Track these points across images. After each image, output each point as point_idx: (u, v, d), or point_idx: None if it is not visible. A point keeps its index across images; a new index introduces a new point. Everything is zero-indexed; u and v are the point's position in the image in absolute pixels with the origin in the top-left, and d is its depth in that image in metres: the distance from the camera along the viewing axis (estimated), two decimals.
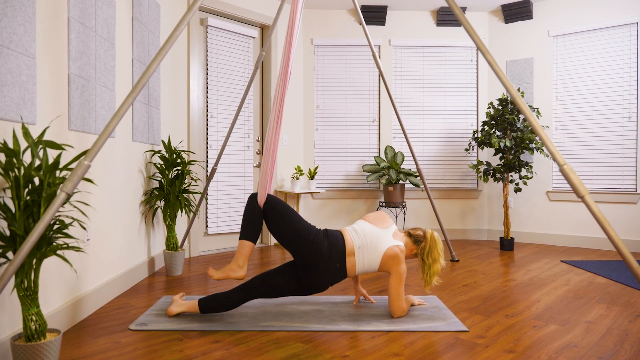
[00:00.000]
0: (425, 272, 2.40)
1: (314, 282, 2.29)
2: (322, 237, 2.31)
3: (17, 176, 1.64)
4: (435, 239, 2.42)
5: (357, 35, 5.10)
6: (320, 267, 2.27)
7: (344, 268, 2.32)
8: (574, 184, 1.74)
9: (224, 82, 4.37)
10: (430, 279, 2.39)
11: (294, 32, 2.33)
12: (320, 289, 2.33)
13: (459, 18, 1.99)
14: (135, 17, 3.06)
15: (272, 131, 2.38)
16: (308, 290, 2.32)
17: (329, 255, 2.27)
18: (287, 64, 2.34)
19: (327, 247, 2.28)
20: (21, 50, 1.84)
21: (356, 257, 2.32)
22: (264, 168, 2.40)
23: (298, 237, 2.28)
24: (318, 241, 2.28)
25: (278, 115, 2.37)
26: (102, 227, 2.60)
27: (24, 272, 1.64)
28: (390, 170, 4.70)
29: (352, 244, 2.32)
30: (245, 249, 2.35)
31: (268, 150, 2.39)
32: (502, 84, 1.87)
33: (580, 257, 4.14)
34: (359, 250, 2.32)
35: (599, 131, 4.57)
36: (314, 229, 2.34)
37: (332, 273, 2.30)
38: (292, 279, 2.30)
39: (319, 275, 2.28)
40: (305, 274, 2.28)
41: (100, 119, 2.54)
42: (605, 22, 4.51)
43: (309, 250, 2.26)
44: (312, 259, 2.26)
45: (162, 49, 1.95)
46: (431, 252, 2.40)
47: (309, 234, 2.30)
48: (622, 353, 1.95)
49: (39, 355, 1.65)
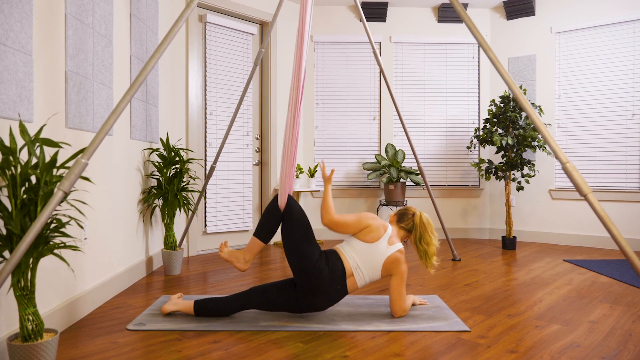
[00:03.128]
0: (423, 257, 2.37)
1: (314, 304, 2.28)
2: (324, 264, 2.26)
3: (13, 174, 1.62)
4: (424, 223, 2.37)
5: (357, 32, 5.07)
6: (321, 291, 2.25)
7: (345, 289, 2.31)
8: (577, 183, 1.72)
9: (223, 79, 4.35)
10: (429, 261, 2.36)
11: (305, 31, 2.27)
12: (321, 309, 2.32)
13: (460, 14, 1.96)
14: (133, 13, 3.03)
15: (290, 133, 2.33)
16: (307, 310, 2.31)
17: (330, 281, 2.25)
18: (300, 63, 2.28)
19: (328, 273, 2.25)
20: (18, 47, 1.82)
21: (355, 277, 2.31)
22: (283, 171, 2.37)
23: (303, 259, 2.24)
24: (321, 267, 2.24)
25: (294, 116, 2.32)
26: (99, 226, 2.58)
27: (20, 272, 1.63)
28: (391, 168, 4.67)
29: (350, 266, 2.30)
30: (255, 247, 2.38)
31: (286, 152, 2.36)
32: (504, 81, 1.85)
33: (583, 256, 4.12)
34: (357, 271, 2.30)
35: (602, 129, 4.54)
36: (317, 252, 2.28)
37: (333, 295, 2.29)
38: (291, 298, 2.28)
39: (320, 298, 2.27)
40: (305, 297, 2.26)
41: (98, 116, 2.52)
42: (608, 19, 4.48)
43: (311, 276, 2.23)
44: (314, 285, 2.23)
45: (161, 46, 1.93)
46: (423, 236, 2.36)
47: (312, 259, 2.25)
48: (625, 353, 1.93)
49: (36, 356, 1.64)
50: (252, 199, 4.61)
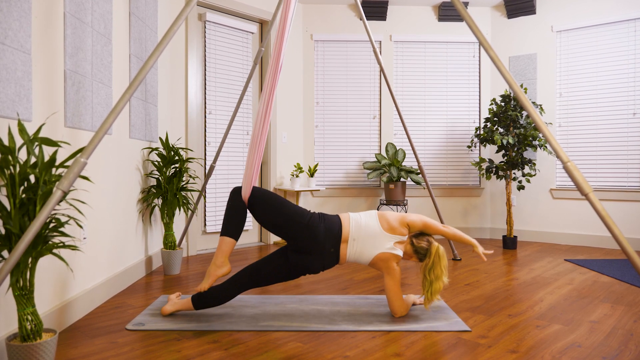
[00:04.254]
0: (427, 289, 2.29)
1: (307, 265, 2.25)
2: (317, 220, 2.26)
3: (12, 174, 1.62)
4: (440, 255, 2.29)
5: (357, 31, 5.05)
6: (315, 250, 2.23)
7: (338, 254, 2.29)
8: (578, 182, 1.71)
9: (223, 78, 4.33)
10: (431, 296, 2.28)
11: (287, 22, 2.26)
12: (313, 271, 2.29)
13: (461, 13, 1.95)
14: (133, 12, 3.02)
15: (260, 122, 2.29)
16: (300, 272, 2.28)
17: (325, 238, 2.23)
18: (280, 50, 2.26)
19: (323, 230, 2.23)
20: (16, 46, 1.81)
21: (348, 246, 2.29)
22: (250, 161, 2.32)
23: (291, 222, 2.23)
24: (314, 224, 2.23)
25: (267, 105, 2.28)
26: (98, 226, 2.57)
27: (19, 271, 1.62)
28: (391, 167, 4.66)
29: (348, 233, 2.28)
30: (225, 246, 2.29)
31: (255, 142, 2.31)
32: (504, 80, 1.84)
33: (584, 255, 4.11)
34: (352, 242, 2.28)
35: (603, 128, 4.53)
36: (307, 212, 2.29)
37: (326, 257, 2.27)
38: (283, 265, 2.26)
39: (313, 257, 2.25)
40: (298, 257, 2.24)
41: (97, 115, 2.51)
42: (609, 17, 4.46)
43: (304, 233, 2.22)
44: (308, 243, 2.22)
45: (160, 44, 1.92)
46: (434, 268, 2.28)
47: (302, 217, 2.25)
48: (626, 353, 1.92)
49: (35, 356, 1.63)
50: None
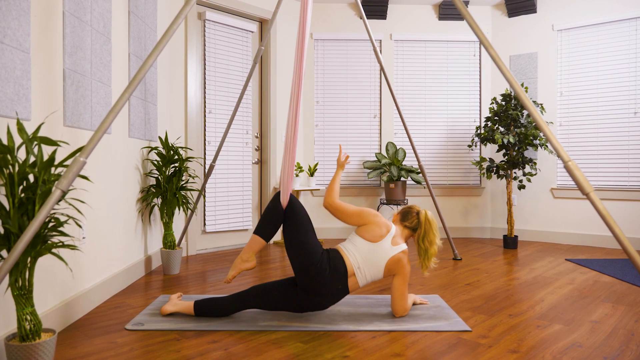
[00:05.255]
0: (422, 256, 2.32)
1: (315, 304, 2.26)
2: (325, 263, 2.25)
3: (11, 173, 1.61)
4: (429, 221, 2.33)
5: (357, 30, 5.04)
6: (323, 291, 2.23)
7: (346, 288, 2.29)
8: (579, 181, 1.70)
9: (222, 77, 4.33)
10: (427, 262, 2.32)
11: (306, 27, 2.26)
12: (322, 309, 2.30)
13: (461, 12, 1.94)
14: (132, 10, 3.01)
15: (291, 131, 2.32)
16: (308, 310, 2.29)
17: (331, 280, 2.23)
18: (302, 59, 2.27)
19: (329, 272, 2.23)
20: (15, 44, 1.80)
21: (357, 277, 2.28)
22: (284, 168, 2.35)
23: (305, 258, 2.22)
24: (322, 267, 2.22)
25: (295, 113, 2.31)
26: (98, 225, 2.57)
27: (18, 271, 1.62)
28: (391, 167, 4.65)
29: (352, 266, 2.28)
30: (255, 244, 2.34)
31: (288, 149, 2.34)
32: (505, 79, 1.83)
33: (585, 255, 4.10)
34: (358, 271, 2.28)
35: (604, 127, 4.52)
36: (319, 251, 2.27)
37: (335, 295, 2.27)
38: (292, 298, 2.26)
39: (321, 299, 2.25)
40: (306, 296, 2.25)
41: (96, 114, 2.50)
42: (610, 16, 4.45)
43: (312, 275, 2.21)
44: (315, 285, 2.22)
45: (159, 43, 1.91)
46: (427, 235, 2.32)
47: (315, 257, 2.23)
48: (628, 353, 1.92)
49: (34, 356, 1.63)
50: (252, 198, 4.60)
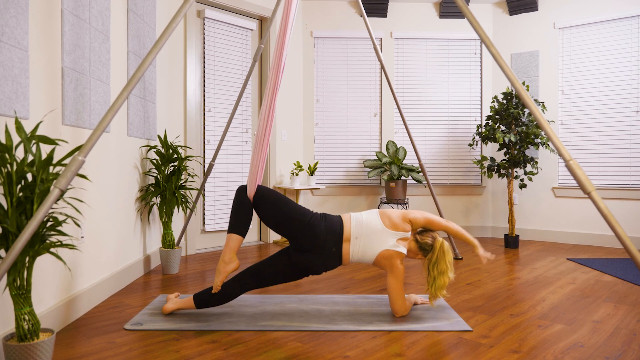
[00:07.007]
0: (430, 285, 2.27)
1: (309, 264, 2.25)
2: (319, 219, 2.27)
3: (9, 172, 1.60)
4: (444, 250, 2.27)
5: (358, 28, 5.02)
6: (316, 249, 2.23)
7: (340, 253, 2.28)
8: (581, 180, 1.69)
9: (222, 75, 4.31)
10: (435, 292, 2.26)
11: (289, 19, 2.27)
12: (315, 271, 2.29)
13: (462, 10, 1.93)
14: (131, 8, 3.00)
15: (264, 121, 2.33)
16: (302, 273, 2.28)
17: (326, 237, 2.24)
18: (282, 48, 2.28)
19: (323, 229, 2.24)
20: (14, 42, 1.79)
21: (351, 246, 2.28)
22: (254, 159, 2.35)
23: (293, 220, 2.25)
24: (315, 222, 2.25)
25: (270, 104, 2.32)
26: (96, 225, 2.55)
27: (16, 270, 1.61)
28: (392, 165, 4.64)
29: (350, 232, 2.27)
30: (232, 243, 2.31)
31: (260, 141, 2.34)
32: (506, 77, 1.81)
33: (586, 255, 4.09)
34: (355, 240, 2.27)
35: (606, 126, 4.50)
36: (309, 211, 2.31)
37: (328, 257, 2.26)
38: (285, 265, 2.27)
39: (315, 257, 2.25)
40: (299, 256, 2.25)
41: (95, 113, 2.49)
42: (612, 14, 4.43)
43: (305, 232, 2.23)
44: (309, 241, 2.22)
45: (158, 41, 1.89)
46: (438, 263, 2.26)
47: (304, 216, 2.27)
48: (629, 353, 1.91)
49: (32, 356, 1.62)
50: None
